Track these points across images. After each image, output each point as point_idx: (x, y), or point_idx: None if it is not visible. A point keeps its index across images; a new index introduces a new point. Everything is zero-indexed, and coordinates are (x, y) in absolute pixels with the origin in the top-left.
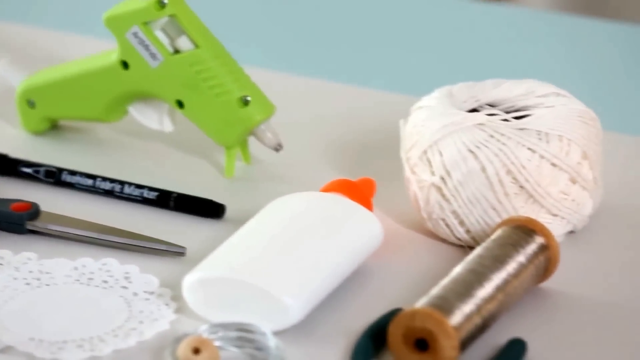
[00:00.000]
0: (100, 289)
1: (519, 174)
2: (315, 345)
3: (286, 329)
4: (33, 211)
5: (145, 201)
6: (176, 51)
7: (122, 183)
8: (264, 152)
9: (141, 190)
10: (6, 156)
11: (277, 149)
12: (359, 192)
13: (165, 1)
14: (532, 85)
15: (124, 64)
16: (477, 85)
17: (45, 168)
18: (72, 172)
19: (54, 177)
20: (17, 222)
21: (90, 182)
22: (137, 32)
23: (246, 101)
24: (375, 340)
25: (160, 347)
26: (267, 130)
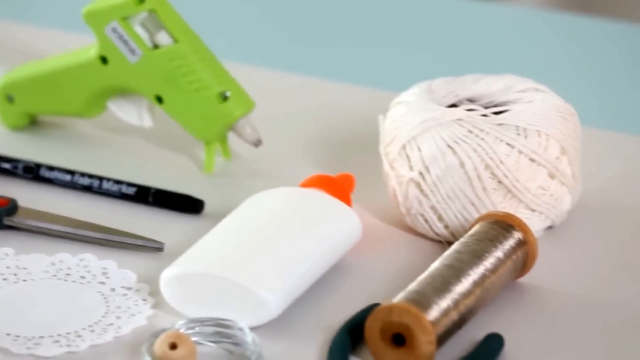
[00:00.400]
0: (78, 285)
1: (497, 169)
2: (293, 341)
3: (264, 324)
4: (11, 207)
5: (123, 197)
6: (155, 46)
7: (101, 179)
8: (243, 148)
9: (120, 186)
10: None
11: (257, 144)
12: (338, 187)
13: None
14: (511, 81)
15: (103, 59)
16: (456, 80)
17: (23, 163)
18: (51, 168)
19: (32, 172)
20: None
21: (68, 177)
22: (116, 27)
23: (225, 97)
24: (353, 335)
25: (137, 342)
26: (246, 126)
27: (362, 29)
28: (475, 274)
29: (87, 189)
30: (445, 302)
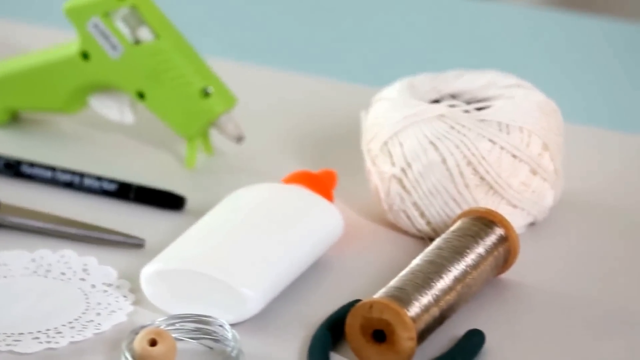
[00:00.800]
0: (58, 281)
1: (479, 165)
2: (273, 337)
3: (245, 321)
4: None
5: (105, 193)
6: (137, 42)
7: (82, 175)
8: (225, 144)
9: (101, 182)
10: None
11: (239, 140)
12: (320, 183)
13: None
14: (493, 77)
15: (84, 55)
16: (439, 76)
17: (4, 160)
18: (32, 164)
19: (13, 169)
20: None
21: (49, 174)
22: (97, 23)
23: (207, 93)
24: (334, 331)
25: (117, 339)
26: (228, 122)
27: (344, 24)
28: (456, 270)
29: (69, 186)
30: (426, 298)
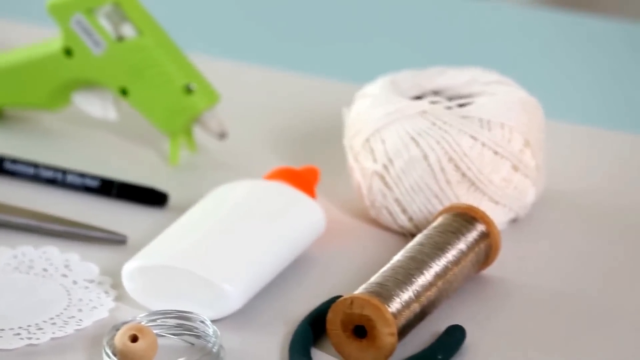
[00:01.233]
0: (40, 277)
1: (461, 161)
2: (254, 333)
3: (226, 317)
4: None
5: (87, 189)
6: (120, 39)
7: (65, 171)
8: (208, 141)
9: (83, 179)
10: None
11: (222, 137)
12: (303, 180)
13: None
14: (475, 73)
15: (68, 52)
16: (421, 73)
17: None
18: (14, 161)
19: None
20: None
21: (32, 170)
22: (80, 20)
23: (190, 89)
24: (315, 327)
25: (98, 335)
26: (211, 119)
27: (325, 21)
28: (437, 266)
29: (51, 182)
30: (407, 294)
